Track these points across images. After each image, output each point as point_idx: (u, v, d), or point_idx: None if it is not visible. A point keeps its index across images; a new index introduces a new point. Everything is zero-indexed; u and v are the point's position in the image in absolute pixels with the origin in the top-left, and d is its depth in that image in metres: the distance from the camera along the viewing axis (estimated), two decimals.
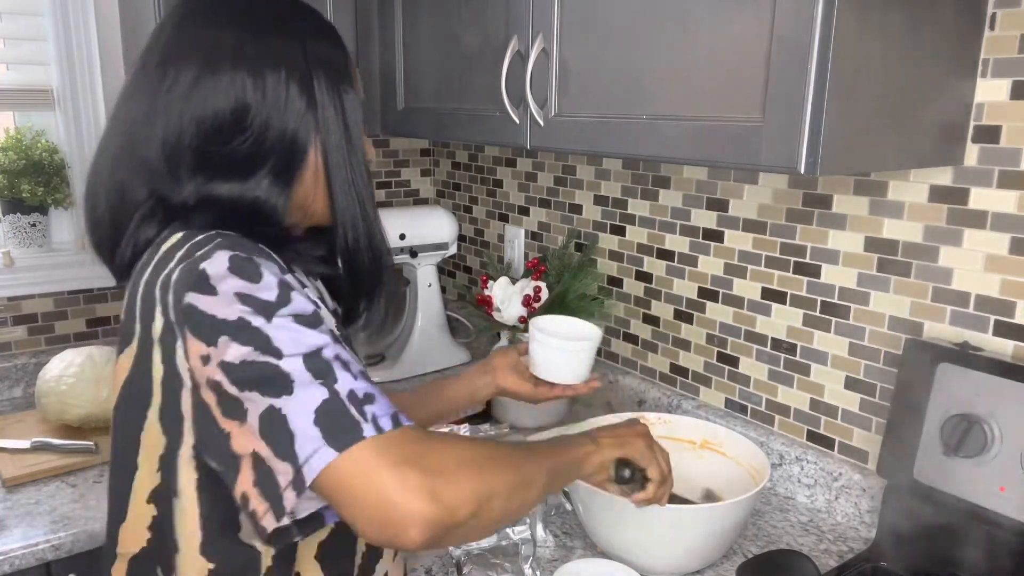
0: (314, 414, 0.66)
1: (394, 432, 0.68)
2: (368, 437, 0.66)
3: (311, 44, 0.83)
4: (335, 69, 0.85)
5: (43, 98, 1.75)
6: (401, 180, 2.25)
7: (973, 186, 1.08)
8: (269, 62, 0.80)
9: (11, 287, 1.74)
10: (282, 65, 0.81)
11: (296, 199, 0.84)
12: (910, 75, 0.97)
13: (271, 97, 0.80)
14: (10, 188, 1.72)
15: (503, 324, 1.60)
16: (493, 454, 0.75)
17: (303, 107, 0.82)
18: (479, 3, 1.33)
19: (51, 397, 1.50)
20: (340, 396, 0.68)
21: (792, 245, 1.32)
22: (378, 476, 0.64)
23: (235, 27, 0.81)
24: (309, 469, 0.65)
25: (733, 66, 0.93)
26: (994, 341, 1.09)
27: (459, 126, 1.43)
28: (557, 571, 1.07)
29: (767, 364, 1.40)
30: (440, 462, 0.68)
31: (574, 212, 1.78)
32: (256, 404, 0.68)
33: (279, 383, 0.67)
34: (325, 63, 0.84)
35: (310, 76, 0.82)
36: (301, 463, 0.65)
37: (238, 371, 0.69)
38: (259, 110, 0.79)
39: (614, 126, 1.10)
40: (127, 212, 0.83)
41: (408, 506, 0.64)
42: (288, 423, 0.66)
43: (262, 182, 0.81)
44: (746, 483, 1.18)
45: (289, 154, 0.82)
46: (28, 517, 1.26)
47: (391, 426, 0.68)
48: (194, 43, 0.81)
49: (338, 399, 0.67)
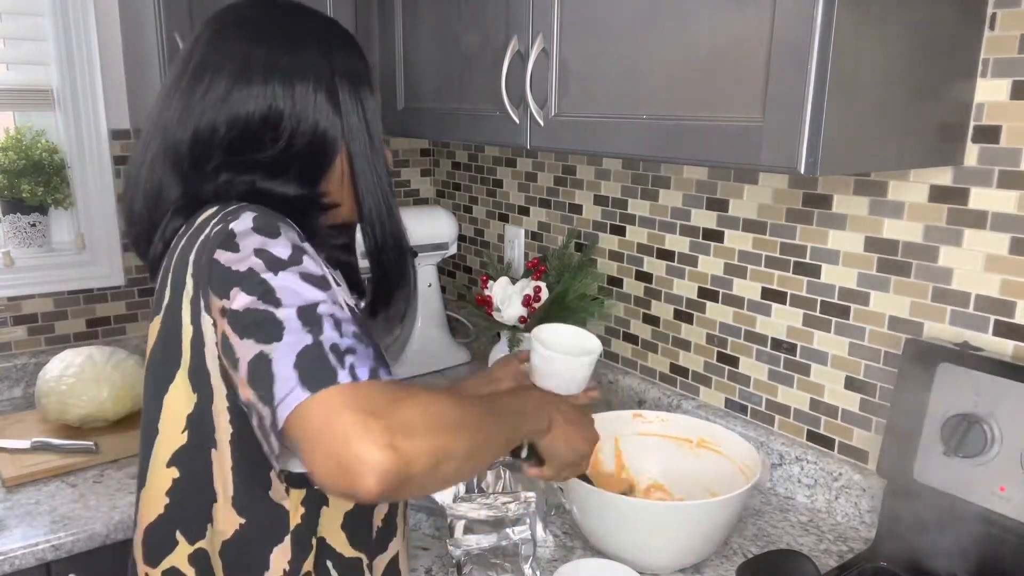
0: (295, 357, 0.68)
1: (369, 382, 0.69)
2: (341, 383, 0.67)
3: (336, 55, 0.89)
4: (358, 78, 0.90)
5: (43, 98, 1.75)
6: (401, 180, 2.25)
7: (973, 186, 1.08)
8: (298, 73, 0.86)
9: (11, 287, 1.74)
10: (310, 76, 0.86)
11: (323, 198, 0.90)
12: (910, 75, 0.97)
13: (300, 104, 0.86)
14: (10, 188, 1.72)
15: (503, 324, 1.60)
16: (461, 417, 0.74)
17: (330, 113, 0.87)
18: (479, 3, 1.33)
19: (51, 397, 1.50)
20: (323, 345, 0.70)
21: (792, 245, 1.32)
22: (342, 421, 0.65)
23: (267, 41, 0.87)
24: (281, 409, 0.67)
25: (733, 66, 0.93)
26: (994, 341, 1.09)
27: (459, 126, 1.43)
28: (557, 571, 1.08)
29: (767, 364, 1.40)
30: (407, 417, 0.68)
31: (574, 212, 1.78)
32: (248, 351, 0.71)
33: (271, 330, 0.70)
34: (349, 73, 0.89)
35: (335, 85, 0.88)
36: (276, 403, 0.67)
37: (240, 318, 0.72)
38: (290, 115, 0.85)
39: (614, 126, 1.10)
40: (162, 209, 0.88)
41: (365, 453, 0.64)
42: (272, 366, 0.69)
43: (290, 183, 0.86)
44: (740, 481, 1.19)
45: (317, 157, 0.88)
46: (28, 517, 1.26)
47: (367, 376, 0.69)
48: (228, 55, 0.86)
49: (320, 347, 0.69)
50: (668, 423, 1.31)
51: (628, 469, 1.31)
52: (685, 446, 1.30)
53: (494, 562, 1.08)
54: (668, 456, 1.30)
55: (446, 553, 1.14)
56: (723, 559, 1.17)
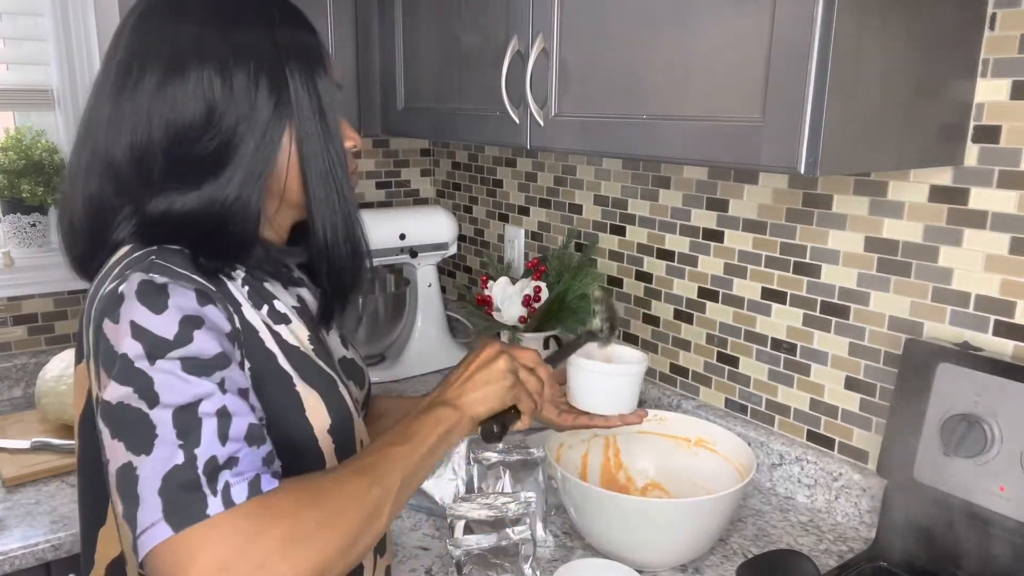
0: (161, 481, 0.63)
1: (240, 508, 0.63)
2: (212, 515, 0.62)
3: (279, 31, 0.80)
4: (307, 55, 0.81)
5: (43, 98, 1.75)
6: (401, 180, 2.25)
7: (973, 186, 1.08)
8: (236, 55, 0.77)
9: (11, 287, 1.75)
10: (250, 57, 0.77)
11: (271, 192, 0.82)
12: (910, 75, 0.97)
13: (240, 94, 0.77)
14: (10, 188, 1.72)
15: (503, 324, 1.60)
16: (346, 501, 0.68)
17: (275, 99, 0.78)
18: (479, 3, 1.33)
19: (51, 397, 1.50)
20: (195, 463, 0.63)
21: (792, 245, 1.32)
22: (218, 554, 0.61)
23: (197, 20, 0.77)
24: (143, 541, 0.62)
25: (733, 66, 0.93)
26: (994, 341, 1.09)
27: (459, 126, 1.43)
28: (557, 571, 1.08)
29: (767, 364, 1.40)
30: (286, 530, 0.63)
31: (574, 212, 1.78)
32: (118, 455, 0.65)
33: (142, 436, 0.64)
34: (296, 50, 0.80)
35: (281, 65, 0.79)
36: (138, 533, 0.62)
37: (113, 413, 0.66)
38: (227, 108, 0.77)
39: (614, 126, 1.10)
40: (105, 222, 0.80)
41: None
42: (137, 486, 0.63)
43: (233, 178, 0.78)
44: (736, 480, 1.19)
45: (260, 148, 0.79)
46: (28, 517, 1.26)
47: (245, 495, 0.64)
48: (156, 41, 0.77)
49: (192, 467, 0.63)
50: (665, 422, 1.31)
51: (626, 468, 1.31)
52: (682, 445, 1.30)
53: (494, 562, 1.08)
54: (665, 455, 1.30)
55: (446, 553, 1.14)
56: (723, 559, 1.17)
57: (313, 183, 0.83)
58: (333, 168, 0.83)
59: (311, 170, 0.82)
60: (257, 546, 0.62)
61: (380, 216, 1.90)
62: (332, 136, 0.83)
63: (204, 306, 0.72)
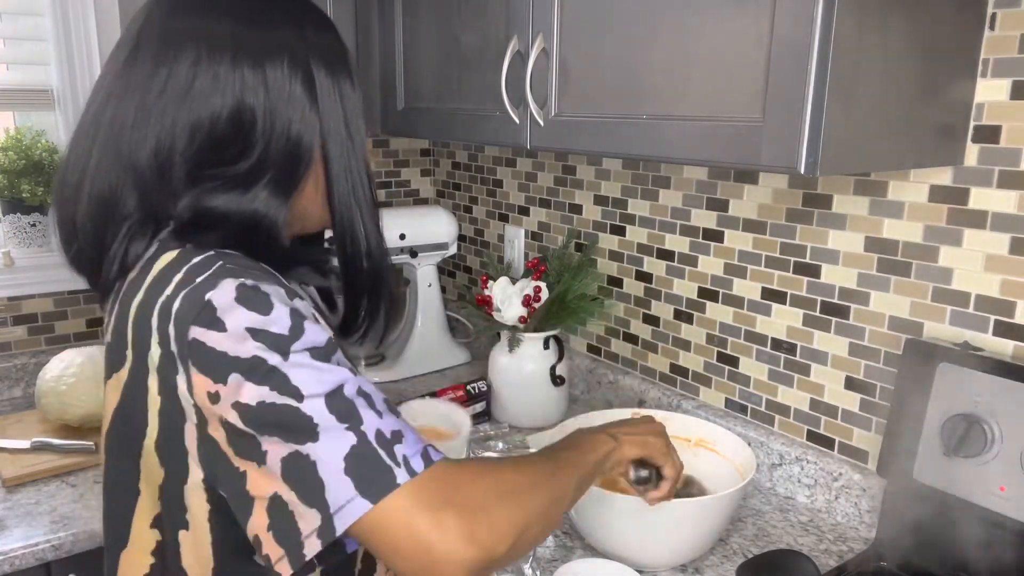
0: (344, 462, 0.64)
1: (427, 473, 0.66)
2: (402, 484, 0.65)
3: (310, 34, 0.77)
4: (336, 63, 0.79)
5: (43, 98, 1.75)
6: (401, 180, 2.25)
7: (973, 186, 1.08)
8: (270, 54, 0.74)
9: (11, 287, 1.74)
10: (284, 56, 0.75)
11: (295, 209, 0.79)
12: (910, 75, 0.97)
13: (275, 96, 0.74)
14: (10, 188, 1.72)
15: (503, 324, 1.60)
16: (528, 480, 0.73)
17: (307, 108, 0.76)
18: (479, 3, 1.33)
19: (51, 397, 1.50)
20: (368, 439, 0.66)
21: (792, 245, 1.32)
22: (415, 524, 0.64)
23: (232, 16, 0.75)
24: (342, 519, 0.64)
25: (733, 66, 0.93)
26: (994, 341, 1.09)
27: (459, 126, 1.43)
28: (557, 571, 1.07)
29: (767, 364, 1.40)
30: (477, 498, 0.67)
31: (574, 212, 1.78)
32: (278, 448, 0.65)
33: (302, 428, 0.65)
34: (326, 55, 0.78)
35: (311, 70, 0.76)
36: (333, 511, 0.64)
37: (255, 413, 0.66)
38: (263, 114, 0.74)
39: (614, 126, 1.10)
40: (114, 223, 0.76)
41: (448, 553, 0.63)
42: (317, 471, 0.64)
43: (260, 194, 0.75)
44: (736, 480, 1.19)
45: (293, 163, 0.77)
46: (28, 517, 1.26)
47: (423, 465, 0.67)
48: (188, 35, 0.74)
49: (367, 443, 0.66)
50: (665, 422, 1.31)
51: None
52: (682, 445, 1.29)
53: None
54: None
55: None
56: (723, 559, 1.17)
57: (337, 200, 0.81)
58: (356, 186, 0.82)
59: (336, 187, 0.80)
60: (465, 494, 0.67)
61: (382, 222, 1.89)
62: (357, 153, 0.81)
63: (293, 299, 0.71)
